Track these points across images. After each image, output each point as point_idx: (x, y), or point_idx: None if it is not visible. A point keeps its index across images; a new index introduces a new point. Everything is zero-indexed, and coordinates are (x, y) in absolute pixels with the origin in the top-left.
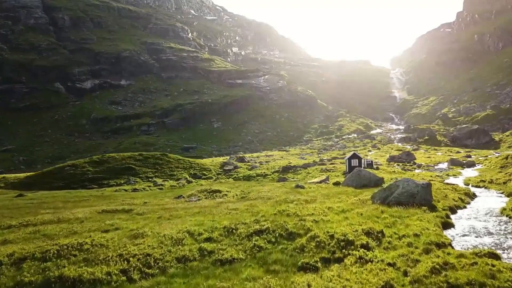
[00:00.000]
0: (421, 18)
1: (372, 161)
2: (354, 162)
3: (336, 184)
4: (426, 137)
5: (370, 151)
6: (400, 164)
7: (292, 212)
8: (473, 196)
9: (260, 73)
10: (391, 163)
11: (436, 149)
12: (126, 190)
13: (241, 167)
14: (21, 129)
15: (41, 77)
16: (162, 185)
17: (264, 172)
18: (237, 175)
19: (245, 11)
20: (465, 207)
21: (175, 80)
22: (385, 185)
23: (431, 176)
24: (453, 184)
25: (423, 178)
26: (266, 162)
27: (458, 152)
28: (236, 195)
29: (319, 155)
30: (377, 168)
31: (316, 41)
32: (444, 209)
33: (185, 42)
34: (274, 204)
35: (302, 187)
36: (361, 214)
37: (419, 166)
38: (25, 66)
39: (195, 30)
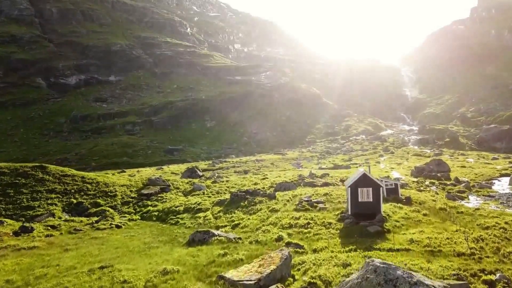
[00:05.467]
0: (430, 16)
1: (397, 184)
2: (365, 193)
3: None
4: (447, 139)
5: (382, 156)
6: (435, 181)
7: None
8: None
9: (261, 69)
10: (419, 178)
11: (463, 154)
12: None
13: (178, 187)
14: None
15: (21, 71)
16: None
17: (200, 204)
18: (154, 207)
19: (251, 8)
20: None
21: (170, 76)
22: None
23: None
24: None
25: None
26: (246, 171)
27: (494, 158)
28: None
29: (320, 160)
30: (408, 201)
31: (323, 39)
32: None
33: (183, 37)
34: None
35: None
36: None
37: (469, 188)
38: (3, 59)
39: (195, 26)
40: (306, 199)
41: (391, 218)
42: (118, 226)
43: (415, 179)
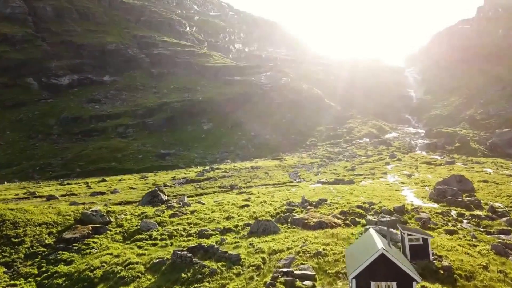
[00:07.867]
0: (435, 15)
1: (427, 240)
2: None
3: None
4: (457, 144)
5: (388, 164)
6: (464, 211)
7: None
8: None
9: (261, 69)
10: (442, 205)
11: (478, 162)
12: None
13: (122, 224)
14: None
15: (12, 71)
16: None
17: (129, 266)
18: (67, 265)
19: (252, 8)
20: None
21: (167, 77)
22: None
23: None
24: None
25: None
26: (233, 186)
27: None
28: None
29: (320, 168)
30: (449, 274)
31: (325, 39)
32: None
33: (181, 37)
34: None
35: None
36: None
37: None
38: None
39: (195, 25)
40: (285, 268)
41: None
42: None
43: (437, 207)
